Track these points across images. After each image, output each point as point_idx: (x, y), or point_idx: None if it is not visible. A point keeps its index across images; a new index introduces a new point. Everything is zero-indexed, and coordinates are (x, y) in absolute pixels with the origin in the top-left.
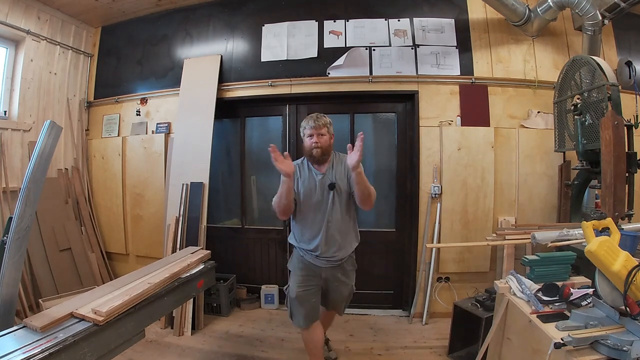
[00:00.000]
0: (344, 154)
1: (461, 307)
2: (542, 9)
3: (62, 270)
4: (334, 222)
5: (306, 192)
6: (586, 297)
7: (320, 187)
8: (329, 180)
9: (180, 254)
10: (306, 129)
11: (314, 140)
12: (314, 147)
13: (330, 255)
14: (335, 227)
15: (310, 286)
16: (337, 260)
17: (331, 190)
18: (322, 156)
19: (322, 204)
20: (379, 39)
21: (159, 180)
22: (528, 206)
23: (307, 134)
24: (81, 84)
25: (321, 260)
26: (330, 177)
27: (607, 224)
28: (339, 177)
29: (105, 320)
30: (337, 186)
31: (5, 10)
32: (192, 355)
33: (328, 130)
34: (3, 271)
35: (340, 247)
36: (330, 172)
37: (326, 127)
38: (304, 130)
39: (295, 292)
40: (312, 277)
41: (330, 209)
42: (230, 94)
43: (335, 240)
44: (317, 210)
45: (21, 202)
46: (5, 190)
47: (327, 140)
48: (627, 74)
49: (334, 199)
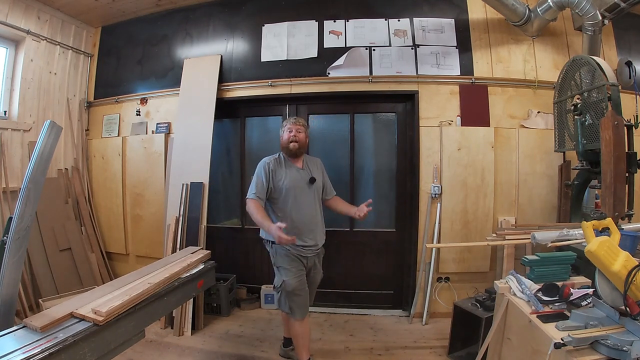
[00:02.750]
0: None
1: (461, 307)
2: (542, 9)
3: (62, 270)
4: (316, 214)
5: (291, 185)
6: (586, 297)
7: (301, 181)
8: (308, 174)
9: (180, 254)
10: (287, 125)
11: (292, 134)
12: (291, 139)
13: (314, 244)
14: (317, 219)
15: (302, 276)
16: (317, 248)
17: (311, 184)
18: (298, 149)
19: (307, 197)
20: (379, 39)
21: (159, 180)
22: (528, 206)
23: (287, 128)
24: (81, 84)
25: (307, 250)
26: (309, 171)
27: (607, 224)
28: (314, 173)
29: (105, 320)
30: (317, 181)
31: (5, 10)
32: (192, 355)
33: (305, 130)
34: (3, 271)
35: (321, 236)
36: (306, 168)
37: (304, 126)
38: (284, 127)
39: (292, 285)
40: (302, 269)
41: (313, 202)
42: (230, 94)
43: (318, 231)
44: (303, 203)
45: (21, 202)
46: (5, 190)
47: (304, 138)
48: (627, 74)
49: (312, 191)
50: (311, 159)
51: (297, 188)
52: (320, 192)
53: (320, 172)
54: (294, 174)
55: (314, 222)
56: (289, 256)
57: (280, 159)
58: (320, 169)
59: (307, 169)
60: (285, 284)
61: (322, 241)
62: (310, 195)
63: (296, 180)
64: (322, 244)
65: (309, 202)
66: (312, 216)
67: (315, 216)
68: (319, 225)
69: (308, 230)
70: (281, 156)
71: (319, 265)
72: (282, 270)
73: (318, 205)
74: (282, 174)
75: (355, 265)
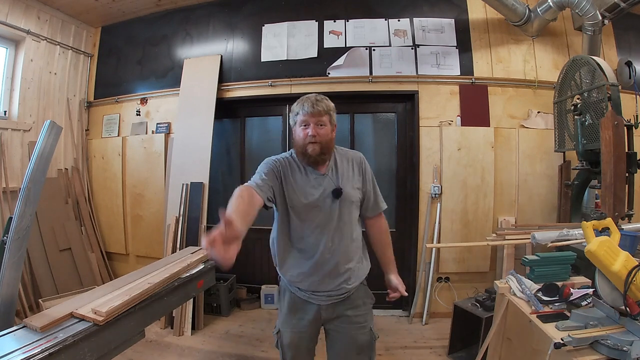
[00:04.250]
0: (346, 149)
1: (461, 307)
2: (542, 9)
3: (62, 270)
4: (340, 242)
5: (300, 199)
6: (586, 297)
7: (321, 194)
8: (332, 184)
9: (180, 254)
10: (299, 114)
11: (310, 132)
12: (309, 141)
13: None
14: (341, 249)
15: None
16: (342, 293)
17: (336, 198)
18: (320, 155)
19: (324, 216)
20: (379, 39)
21: (159, 180)
22: (528, 206)
23: (300, 121)
24: (81, 84)
25: (319, 297)
26: (333, 179)
27: (607, 224)
28: (345, 180)
29: (105, 320)
30: (345, 193)
31: (5, 10)
32: (192, 355)
33: (330, 118)
34: (3, 271)
35: (348, 276)
36: (332, 173)
37: (328, 114)
38: (295, 117)
39: (288, 338)
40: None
41: (336, 224)
42: (230, 94)
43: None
44: (316, 225)
45: (21, 202)
46: (5, 190)
47: (329, 133)
48: (627, 74)
49: (340, 209)
50: (345, 155)
51: (311, 207)
52: (354, 206)
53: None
54: (308, 182)
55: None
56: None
57: (291, 163)
58: (358, 170)
59: (332, 174)
60: (281, 334)
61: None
62: (334, 216)
63: (311, 192)
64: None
65: (330, 227)
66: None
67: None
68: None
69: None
70: (291, 159)
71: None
72: (280, 315)
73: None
74: (290, 184)
75: None
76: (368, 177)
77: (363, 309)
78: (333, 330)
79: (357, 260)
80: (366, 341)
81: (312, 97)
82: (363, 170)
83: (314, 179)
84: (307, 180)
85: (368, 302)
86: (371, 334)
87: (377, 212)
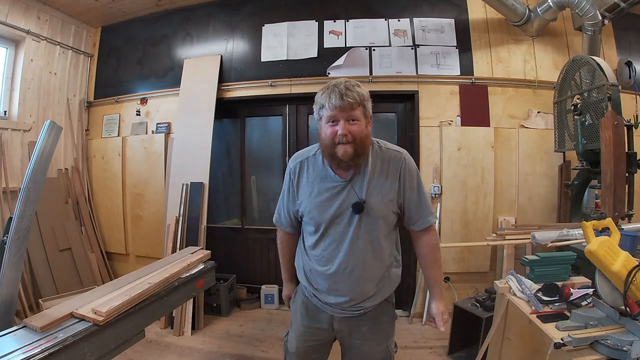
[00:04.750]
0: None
1: (461, 307)
2: (542, 9)
3: (62, 270)
4: (358, 262)
5: (313, 215)
6: (586, 297)
7: (339, 204)
8: (354, 194)
9: (180, 254)
10: (325, 108)
11: (339, 131)
12: (339, 142)
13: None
14: (358, 271)
15: (313, 340)
16: (359, 311)
17: (357, 213)
18: (353, 159)
19: (339, 232)
20: (379, 39)
21: (159, 180)
22: (528, 206)
23: (327, 117)
24: (81, 84)
25: (333, 308)
26: (358, 188)
27: (607, 224)
28: (373, 190)
29: (105, 320)
30: (368, 207)
31: (5, 10)
32: (192, 355)
33: (364, 110)
34: (3, 271)
35: (365, 293)
36: (359, 179)
37: (361, 105)
38: (320, 110)
39: (294, 346)
40: (318, 330)
41: (354, 242)
42: (230, 94)
43: (354, 289)
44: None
45: (21, 202)
46: (5, 190)
47: (363, 129)
48: (627, 74)
49: (359, 225)
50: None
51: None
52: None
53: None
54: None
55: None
56: (303, 306)
57: (316, 159)
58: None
59: (358, 181)
60: (288, 341)
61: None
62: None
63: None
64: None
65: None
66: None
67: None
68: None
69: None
70: (318, 155)
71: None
72: (292, 320)
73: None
74: (305, 189)
75: None
76: (408, 183)
77: (381, 326)
78: (347, 344)
79: (381, 279)
80: (381, 358)
81: (341, 84)
82: (402, 176)
83: (334, 186)
84: (325, 188)
85: (388, 320)
86: (387, 351)
87: (423, 226)
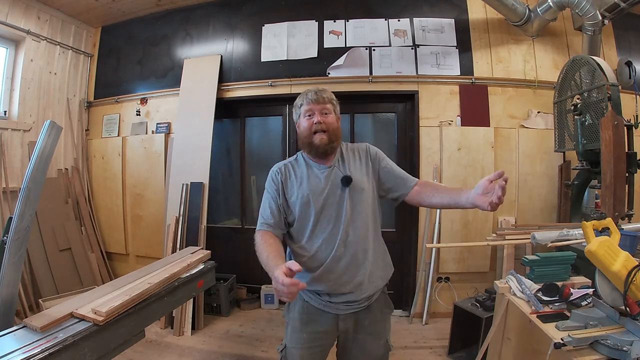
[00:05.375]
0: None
1: (461, 307)
2: (542, 9)
3: (62, 270)
4: (355, 234)
5: (307, 199)
6: (586, 297)
7: (329, 185)
8: (340, 174)
9: (180, 254)
10: (303, 105)
11: (315, 120)
12: (315, 130)
13: (350, 291)
14: (357, 242)
15: (318, 346)
16: (362, 300)
17: (345, 186)
18: (328, 144)
19: (336, 207)
20: (379, 39)
21: (159, 180)
22: (528, 206)
23: (305, 112)
24: (81, 84)
25: (337, 305)
26: (341, 169)
27: (607, 224)
28: (353, 169)
29: (105, 320)
30: (355, 180)
31: (5, 10)
32: (192, 355)
33: (334, 108)
34: (3, 271)
35: (368, 274)
36: (339, 164)
37: (331, 103)
38: (299, 109)
39: (298, 355)
40: (322, 335)
41: (349, 215)
42: (230, 94)
43: (358, 263)
44: (326, 220)
45: (21, 202)
46: (5, 190)
47: (335, 121)
48: (627, 74)
49: (351, 199)
50: (350, 147)
51: (320, 201)
52: (370, 197)
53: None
54: (315, 179)
55: (355, 257)
56: (303, 312)
57: (299, 161)
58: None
59: (339, 165)
60: (287, 351)
61: (374, 285)
62: (345, 208)
63: (316, 189)
64: (376, 290)
65: (340, 215)
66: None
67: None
68: (367, 252)
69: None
70: (300, 157)
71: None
72: (289, 328)
73: (366, 219)
74: (295, 182)
75: None
76: (379, 158)
77: (381, 319)
78: (348, 341)
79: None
80: (381, 354)
81: (314, 88)
82: (372, 156)
83: (320, 172)
84: (313, 173)
85: (387, 312)
86: (387, 345)
87: (412, 182)
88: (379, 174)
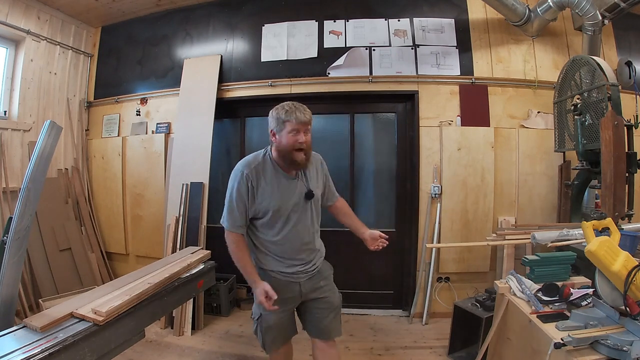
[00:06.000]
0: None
1: (461, 307)
2: (542, 9)
3: (62, 270)
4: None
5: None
6: (586, 297)
7: (297, 197)
8: (303, 187)
9: (180, 254)
10: (290, 121)
11: (300, 140)
12: (297, 148)
13: (307, 267)
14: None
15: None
16: (315, 268)
17: (308, 200)
18: (306, 162)
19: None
20: (379, 39)
21: (159, 180)
22: (528, 206)
23: (291, 128)
24: (81, 84)
25: (299, 275)
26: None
27: (607, 224)
28: (313, 183)
29: (105, 320)
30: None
31: (5, 10)
32: (192, 355)
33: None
34: (3, 271)
35: (320, 254)
36: (302, 177)
37: (311, 123)
38: (282, 123)
39: (272, 320)
40: (290, 299)
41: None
42: (230, 94)
43: (315, 250)
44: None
45: (21, 202)
46: (5, 190)
47: (310, 139)
48: (627, 74)
49: (311, 207)
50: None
51: (290, 208)
52: (318, 203)
53: (322, 175)
54: (285, 189)
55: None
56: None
57: (266, 164)
58: (320, 170)
59: (302, 176)
60: (263, 318)
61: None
62: (307, 214)
63: (288, 197)
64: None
65: (305, 224)
66: (307, 241)
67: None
68: (318, 240)
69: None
70: (268, 160)
71: (325, 282)
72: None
73: (316, 219)
74: (266, 190)
75: (355, 265)
76: (326, 174)
77: (330, 277)
78: (312, 300)
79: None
80: (339, 300)
81: (297, 105)
82: (324, 170)
83: (288, 183)
84: (282, 185)
85: (330, 272)
86: (340, 295)
87: (334, 199)
88: (324, 183)
